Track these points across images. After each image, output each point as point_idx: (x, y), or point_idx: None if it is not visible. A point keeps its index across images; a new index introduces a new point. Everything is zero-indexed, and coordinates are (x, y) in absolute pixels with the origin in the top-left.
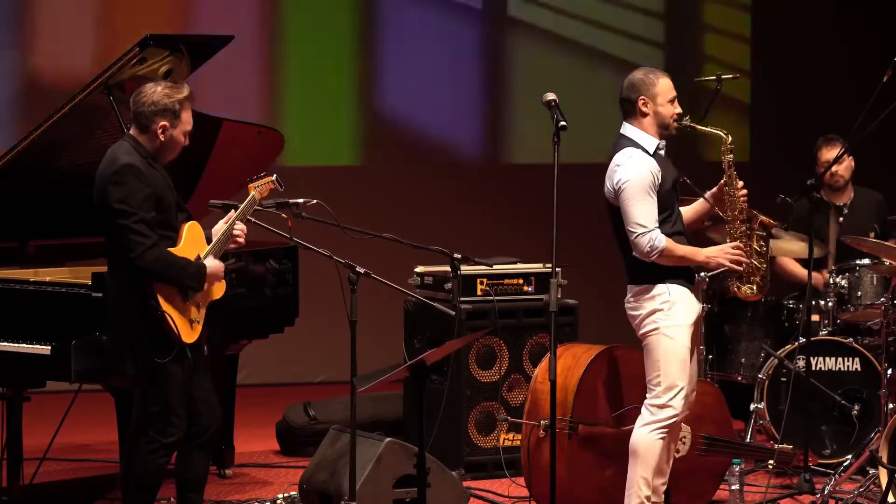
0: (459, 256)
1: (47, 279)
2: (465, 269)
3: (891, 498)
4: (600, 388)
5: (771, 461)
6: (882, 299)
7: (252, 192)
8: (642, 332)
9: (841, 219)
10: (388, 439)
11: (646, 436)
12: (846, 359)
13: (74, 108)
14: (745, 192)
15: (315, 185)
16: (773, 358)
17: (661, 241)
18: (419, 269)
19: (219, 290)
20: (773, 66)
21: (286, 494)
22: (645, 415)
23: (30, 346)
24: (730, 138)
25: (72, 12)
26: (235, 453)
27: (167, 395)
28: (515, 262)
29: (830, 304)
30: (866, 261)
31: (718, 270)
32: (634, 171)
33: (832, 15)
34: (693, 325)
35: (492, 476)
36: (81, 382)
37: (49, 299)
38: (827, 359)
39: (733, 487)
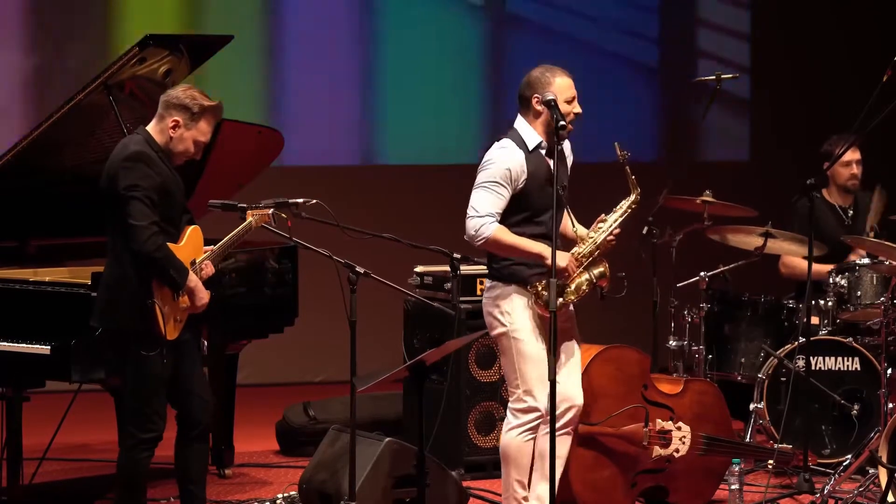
0: (459, 256)
1: (47, 279)
2: (465, 268)
3: (890, 497)
4: (600, 388)
5: (770, 461)
6: (882, 299)
7: (249, 219)
8: (494, 333)
9: (847, 221)
10: (388, 439)
11: (514, 440)
12: (846, 358)
13: (74, 107)
14: (611, 241)
15: (314, 184)
16: (772, 358)
17: (488, 229)
18: (419, 268)
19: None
20: (773, 63)
21: (286, 494)
22: (510, 419)
23: (30, 345)
24: (634, 197)
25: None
26: (235, 453)
27: (146, 392)
28: None
29: (830, 303)
30: (866, 260)
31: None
32: (495, 159)
33: (832, 13)
34: (542, 324)
35: (491, 476)
36: (81, 382)
37: (49, 299)
38: (826, 358)
39: (733, 487)
